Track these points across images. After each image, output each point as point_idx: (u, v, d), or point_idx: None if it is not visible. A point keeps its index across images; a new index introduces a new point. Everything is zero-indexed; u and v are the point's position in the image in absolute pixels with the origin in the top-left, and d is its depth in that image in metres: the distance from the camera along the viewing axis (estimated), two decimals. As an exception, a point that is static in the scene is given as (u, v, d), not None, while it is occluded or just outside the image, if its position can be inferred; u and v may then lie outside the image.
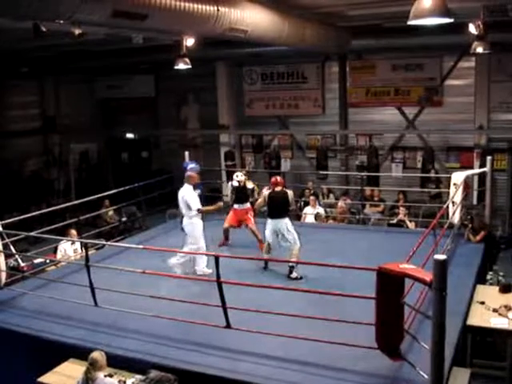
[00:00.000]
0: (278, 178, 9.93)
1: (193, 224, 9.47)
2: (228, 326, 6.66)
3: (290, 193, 9.77)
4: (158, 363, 6.37)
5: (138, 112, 21.78)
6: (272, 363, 6.29)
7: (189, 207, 9.41)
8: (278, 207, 9.57)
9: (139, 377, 6.21)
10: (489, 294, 8.82)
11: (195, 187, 9.96)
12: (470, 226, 10.98)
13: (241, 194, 11.22)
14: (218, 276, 6.46)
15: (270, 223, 9.53)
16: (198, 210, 9.43)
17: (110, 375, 6.22)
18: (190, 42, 11.59)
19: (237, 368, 6.22)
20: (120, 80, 21.74)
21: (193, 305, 7.04)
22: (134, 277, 8.02)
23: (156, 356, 6.54)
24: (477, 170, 14.15)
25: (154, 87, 21.66)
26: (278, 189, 9.71)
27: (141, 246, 8.98)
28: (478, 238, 10.59)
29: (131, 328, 7.23)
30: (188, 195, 9.46)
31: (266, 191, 10.13)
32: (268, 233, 9.56)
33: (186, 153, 13.71)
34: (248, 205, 11.19)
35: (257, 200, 10.59)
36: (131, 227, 15.82)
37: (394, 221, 13.67)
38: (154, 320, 7.15)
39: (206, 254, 8.97)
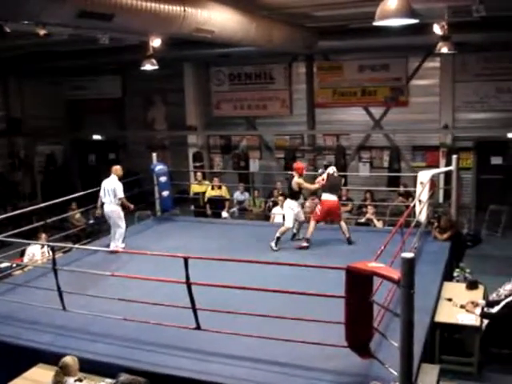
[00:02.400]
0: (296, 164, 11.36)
1: (118, 210, 10.72)
2: (198, 327, 6.64)
3: (294, 179, 10.90)
4: (128, 366, 6.31)
5: (105, 113, 21.60)
6: (243, 364, 6.29)
7: (115, 195, 10.58)
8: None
9: (109, 381, 6.15)
10: (456, 290, 8.95)
11: (120, 178, 10.98)
12: (436, 224, 11.12)
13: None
14: (188, 277, 6.44)
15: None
16: (121, 199, 10.67)
17: (80, 380, 6.14)
18: (156, 42, 11.53)
19: (208, 369, 6.20)
20: (87, 81, 21.57)
21: (163, 307, 7.00)
22: (103, 280, 7.95)
23: (126, 359, 6.49)
24: (443, 169, 14.33)
25: (121, 88, 21.51)
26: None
27: (109, 249, 8.90)
28: (445, 236, 10.74)
29: (100, 332, 7.16)
30: (116, 185, 10.66)
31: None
32: None
33: (154, 154, 13.63)
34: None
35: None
36: (99, 230, 15.65)
37: (362, 220, 13.78)
38: (123, 323, 7.09)
39: (176, 256, 8.91)
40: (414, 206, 10.38)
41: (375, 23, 7.06)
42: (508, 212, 15.73)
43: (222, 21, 9.96)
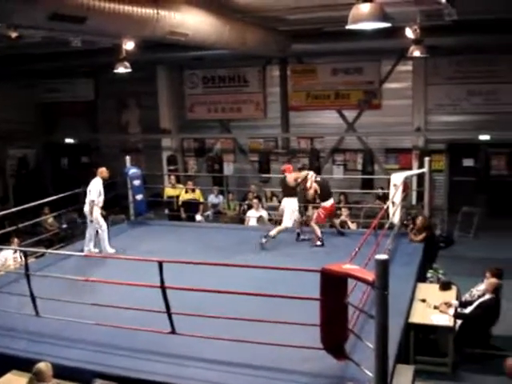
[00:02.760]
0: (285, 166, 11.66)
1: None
2: (173, 331, 6.61)
3: (288, 176, 11.09)
4: (102, 372, 6.25)
5: (78, 116, 21.43)
6: (218, 368, 6.26)
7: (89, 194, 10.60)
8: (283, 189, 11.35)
9: (84, 386, 6.09)
10: (429, 291, 9.04)
11: (106, 180, 11.07)
12: (411, 226, 11.21)
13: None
14: (162, 281, 6.40)
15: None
16: (92, 202, 10.55)
17: (54, 386, 6.08)
18: (129, 45, 11.48)
19: (183, 374, 6.17)
20: (59, 84, 21.36)
21: (138, 311, 6.95)
22: (76, 285, 7.87)
23: (100, 365, 6.42)
24: (415, 171, 14.45)
25: (94, 91, 21.35)
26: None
27: (82, 254, 8.82)
28: (421, 237, 10.83)
29: (74, 337, 7.08)
30: (92, 186, 10.64)
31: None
32: None
33: (127, 157, 13.53)
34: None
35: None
36: (72, 234, 15.51)
37: (337, 222, 13.81)
38: (97, 328, 7.02)
39: (150, 261, 8.86)
40: (388, 208, 10.46)
41: (348, 27, 7.10)
42: (480, 213, 15.92)
43: (196, 24, 9.94)
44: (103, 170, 11.00)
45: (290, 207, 10.95)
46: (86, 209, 10.71)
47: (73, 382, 6.23)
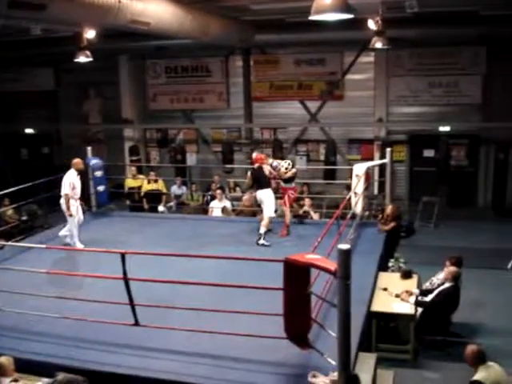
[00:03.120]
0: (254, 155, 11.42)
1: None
2: (136, 323, 6.57)
3: (265, 167, 10.86)
4: (65, 365, 6.18)
5: (38, 106, 21.00)
6: (182, 358, 6.25)
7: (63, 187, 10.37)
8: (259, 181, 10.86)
9: (46, 380, 5.99)
10: (391, 280, 9.16)
11: (81, 172, 10.83)
12: (380, 216, 11.34)
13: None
14: (125, 273, 6.35)
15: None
16: (66, 195, 10.31)
17: (16, 380, 5.97)
18: (90, 34, 11.31)
19: (147, 365, 6.14)
20: (18, 73, 20.82)
21: (101, 303, 6.89)
22: (38, 277, 7.76)
23: (63, 358, 6.35)
24: (377, 162, 14.59)
25: (54, 80, 20.97)
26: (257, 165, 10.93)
27: (44, 246, 8.70)
28: (390, 227, 10.98)
29: (36, 330, 6.98)
30: (66, 178, 10.42)
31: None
32: None
33: (89, 148, 13.35)
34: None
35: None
36: (33, 226, 15.27)
37: (300, 212, 13.89)
38: (60, 321, 6.94)
39: (112, 252, 8.80)
40: (350, 198, 10.55)
41: (311, 17, 7.13)
42: (440, 203, 16.19)
43: (158, 12, 9.86)
44: (78, 162, 10.76)
45: (268, 200, 10.72)
46: (62, 202, 10.47)
47: (35, 376, 6.15)
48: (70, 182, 10.40)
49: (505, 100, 15.98)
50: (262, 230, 10.45)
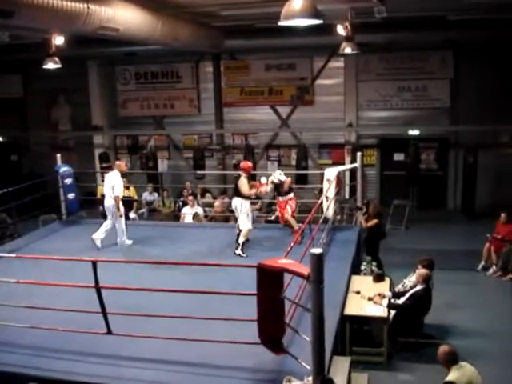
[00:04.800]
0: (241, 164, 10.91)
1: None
2: (109, 332, 6.50)
3: (241, 179, 10.34)
4: (36, 376, 6.09)
5: (6, 113, 20.65)
6: (155, 366, 6.20)
7: (113, 189, 10.58)
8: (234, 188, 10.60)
9: (16, 391, 5.92)
10: (363, 283, 9.21)
11: (123, 175, 11.23)
12: (364, 210, 11.39)
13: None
14: (97, 281, 6.28)
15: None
16: (117, 197, 10.62)
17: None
18: (59, 40, 11.21)
19: (121, 374, 6.07)
20: (-15, 79, 20.56)
21: (73, 312, 6.80)
22: (7, 287, 7.63)
23: (34, 368, 6.23)
24: (348, 166, 14.70)
25: (22, 87, 20.70)
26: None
27: (13, 255, 8.58)
28: (371, 223, 11.01)
29: (6, 341, 6.85)
30: (116, 181, 10.63)
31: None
32: None
33: (58, 155, 13.18)
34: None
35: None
36: (2, 235, 15.01)
37: (272, 217, 13.89)
38: (31, 331, 6.82)
39: (84, 260, 8.71)
40: (322, 202, 10.59)
41: (280, 23, 7.14)
42: (410, 206, 16.34)
43: (127, 18, 9.80)
44: (121, 164, 11.16)
45: (244, 211, 10.29)
46: (109, 203, 10.75)
47: (6, 387, 6.05)
48: (119, 183, 10.66)
49: (472, 104, 16.23)
50: (241, 239, 10.21)
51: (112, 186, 10.64)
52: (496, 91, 15.98)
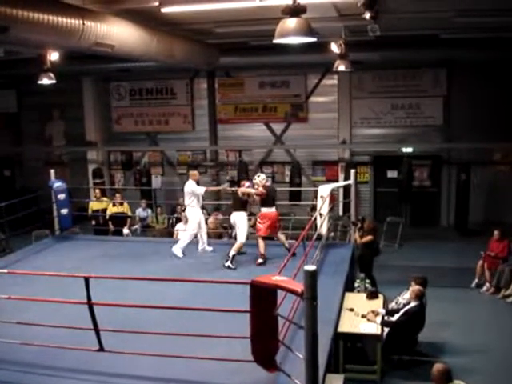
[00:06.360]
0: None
1: (193, 211, 10.95)
2: (101, 348, 6.45)
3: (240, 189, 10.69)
4: (27, 392, 6.05)
5: (0, 128, 20.69)
6: (148, 383, 6.16)
7: (193, 196, 10.86)
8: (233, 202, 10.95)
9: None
10: (357, 300, 9.20)
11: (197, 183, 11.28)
12: (359, 225, 11.39)
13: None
14: (89, 298, 6.24)
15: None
16: (206, 191, 11.32)
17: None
18: (54, 56, 11.23)
19: (111, 391, 6.04)
20: (-21, 95, 20.57)
21: (65, 329, 6.75)
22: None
23: (26, 385, 6.20)
24: (342, 183, 14.72)
25: (17, 102, 20.72)
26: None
27: (5, 271, 8.53)
28: (366, 239, 11.01)
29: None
30: (193, 187, 10.94)
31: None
32: None
33: (52, 171, 13.17)
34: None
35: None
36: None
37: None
38: (21, 348, 6.76)
39: (76, 276, 8.67)
40: (316, 219, 10.59)
41: (275, 41, 7.18)
42: (403, 223, 16.35)
43: (123, 35, 9.82)
44: (195, 173, 11.48)
45: (241, 224, 10.51)
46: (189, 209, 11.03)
47: (-4, 404, 5.99)
48: (197, 188, 10.99)
49: (465, 121, 16.33)
50: (232, 252, 10.27)
51: (190, 194, 10.89)
52: (489, 109, 16.09)
